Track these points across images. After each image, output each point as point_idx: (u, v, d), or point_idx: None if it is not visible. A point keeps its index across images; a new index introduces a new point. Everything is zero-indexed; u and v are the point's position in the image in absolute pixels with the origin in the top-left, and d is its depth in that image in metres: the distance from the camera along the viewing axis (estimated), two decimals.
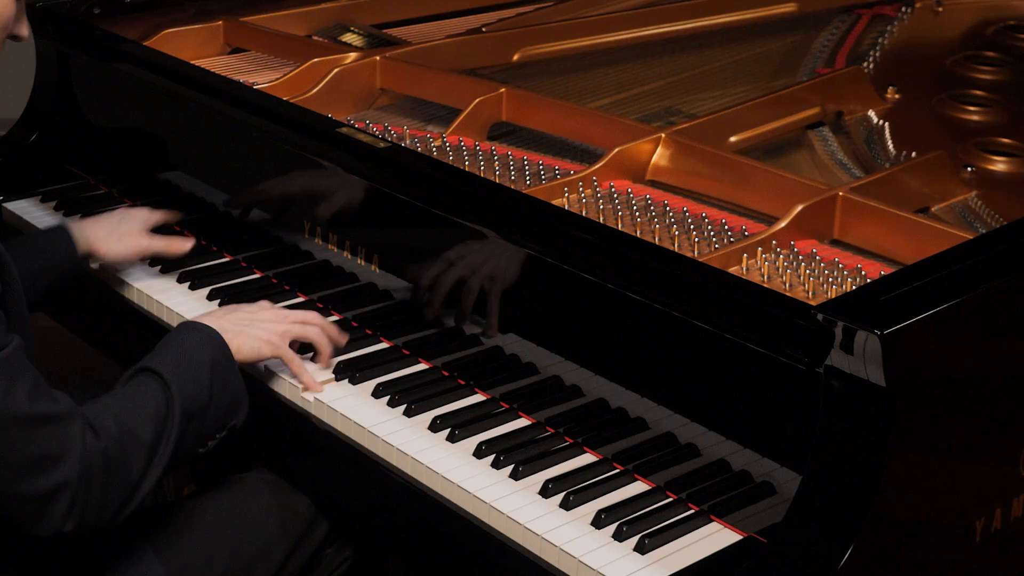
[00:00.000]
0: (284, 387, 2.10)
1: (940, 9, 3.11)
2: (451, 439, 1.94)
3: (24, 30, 1.88)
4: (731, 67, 2.82)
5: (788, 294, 1.85)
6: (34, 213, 2.64)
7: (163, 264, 2.43)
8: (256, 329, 2.05)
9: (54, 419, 1.70)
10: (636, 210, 2.14)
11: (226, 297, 2.32)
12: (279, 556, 2.05)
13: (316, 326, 2.11)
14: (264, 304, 2.14)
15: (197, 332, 1.97)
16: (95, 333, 2.61)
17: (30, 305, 2.02)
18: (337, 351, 2.14)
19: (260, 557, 2.03)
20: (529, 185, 2.23)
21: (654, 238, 2.06)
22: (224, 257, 2.47)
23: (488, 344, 2.06)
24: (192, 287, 2.37)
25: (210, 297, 2.33)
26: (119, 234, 2.35)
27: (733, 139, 2.39)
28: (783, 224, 2.01)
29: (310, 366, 2.10)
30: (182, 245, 2.38)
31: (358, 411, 2.02)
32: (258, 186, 2.42)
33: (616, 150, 2.25)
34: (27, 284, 2.05)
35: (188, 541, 1.97)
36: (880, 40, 2.93)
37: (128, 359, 1.98)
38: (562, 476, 1.86)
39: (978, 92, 2.69)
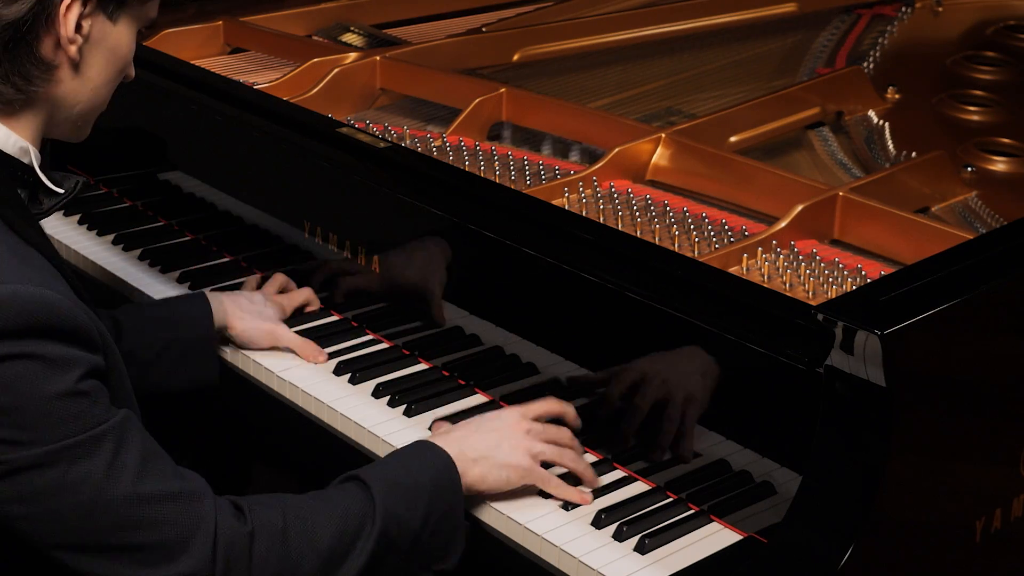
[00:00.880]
0: (284, 387, 2.10)
1: (940, 9, 3.11)
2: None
3: (133, 71, 1.76)
4: (731, 67, 2.82)
5: (788, 294, 1.86)
6: None
7: (163, 264, 2.43)
8: (503, 454, 1.79)
9: (174, 498, 1.54)
10: (636, 210, 2.14)
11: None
12: None
13: (570, 448, 1.85)
14: (510, 415, 1.86)
15: (426, 454, 1.76)
16: None
17: (154, 380, 1.93)
18: (337, 351, 2.14)
19: None
20: (529, 185, 2.23)
21: (654, 238, 2.05)
22: (224, 257, 2.47)
23: (488, 344, 2.06)
24: (192, 287, 2.37)
25: None
26: (257, 315, 2.16)
27: (733, 139, 2.39)
28: (783, 224, 2.01)
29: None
30: (316, 355, 2.13)
31: (358, 411, 2.02)
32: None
33: (616, 150, 2.25)
34: (152, 355, 1.99)
35: None
36: (880, 40, 2.93)
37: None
38: (562, 477, 1.86)
39: (978, 92, 2.69)
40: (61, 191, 1.73)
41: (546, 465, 1.84)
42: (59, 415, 1.51)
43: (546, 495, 1.82)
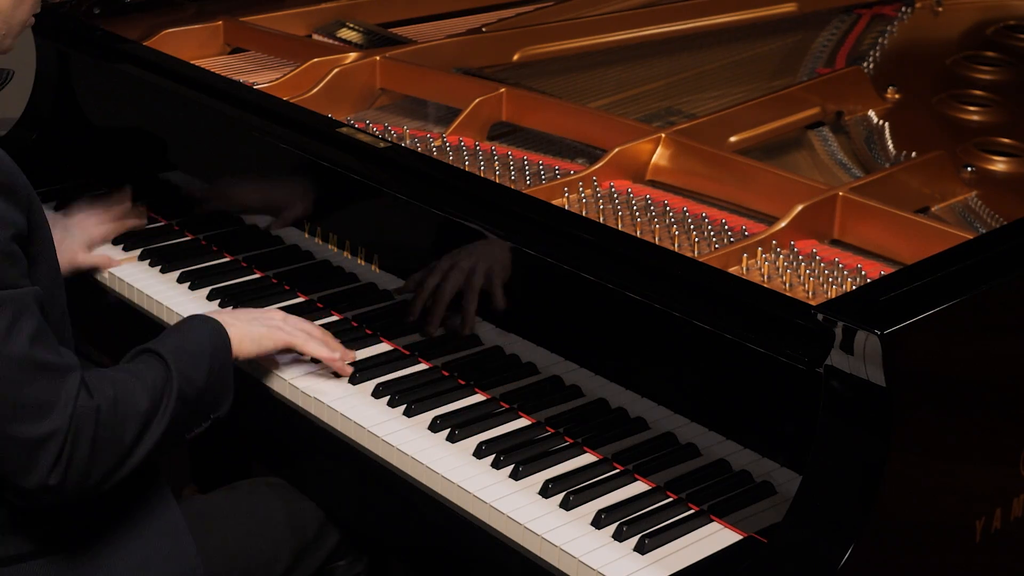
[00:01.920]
0: (284, 387, 2.10)
1: (940, 9, 3.11)
2: (451, 439, 1.94)
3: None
4: (731, 67, 2.82)
5: (788, 294, 1.86)
6: None
7: (163, 264, 2.43)
8: (260, 326, 2.06)
9: (52, 368, 1.72)
10: (636, 210, 2.14)
11: (226, 297, 2.32)
12: (285, 560, 2.04)
13: (319, 330, 2.12)
14: (271, 310, 2.15)
15: (202, 322, 2.00)
16: (94, 333, 2.61)
17: None
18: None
19: (266, 561, 2.03)
20: (529, 185, 2.23)
21: (654, 238, 2.06)
22: (224, 257, 2.47)
23: (488, 344, 2.06)
24: (192, 287, 2.37)
25: (210, 297, 2.33)
26: (59, 250, 2.27)
27: (733, 139, 2.39)
28: (783, 224, 2.01)
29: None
30: (110, 264, 2.41)
31: (358, 411, 2.02)
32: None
33: (616, 150, 2.25)
34: None
35: (192, 541, 1.96)
36: (880, 40, 2.93)
37: None
38: (562, 476, 1.86)
39: (978, 92, 2.69)
40: None
41: None
42: None
43: (547, 496, 1.83)
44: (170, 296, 2.34)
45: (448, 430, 1.96)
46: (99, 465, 1.76)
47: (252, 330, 2.05)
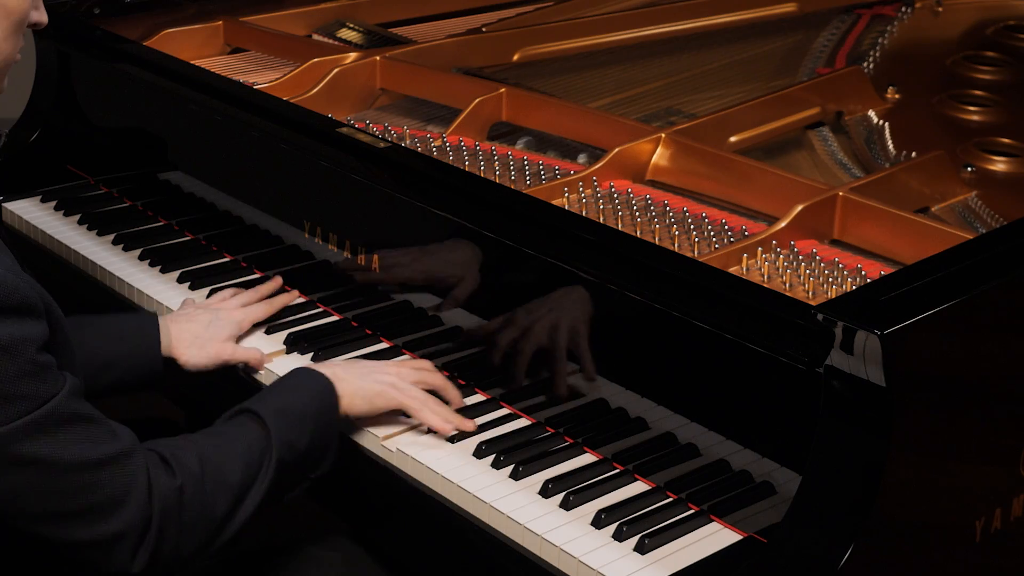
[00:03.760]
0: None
1: (940, 9, 3.11)
2: (451, 439, 1.94)
3: (43, 16, 1.79)
4: (731, 67, 2.82)
5: (788, 294, 1.86)
6: (34, 213, 2.64)
7: (163, 264, 2.43)
8: (372, 382, 1.95)
9: (110, 462, 1.62)
10: (636, 210, 2.14)
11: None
12: None
13: (438, 374, 2.01)
14: (382, 361, 2.05)
15: (309, 378, 1.90)
16: None
17: (90, 393, 1.85)
18: (336, 351, 2.14)
19: None
20: (529, 185, 2.23)
21: (654, 238, 2.05)
22: (224, 257, 2.47)
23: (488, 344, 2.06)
24: (192, 287, 2.37)
25: (209, 297, 2.33)
26: (203, 340, 2.13)
27: (733, 139, 2.39)
28: (783, 224, 2.01)
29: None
30: (262, 362, 2.14)
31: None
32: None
33: (616, 150, 2.25)
34: (92, 370, 1.95)
35: None
36: (880, 40, 2.93)
37: None
38: (562, 476, 1.86)
39: (978, 92, 2.69)
40: None
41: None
42: (11, 397, 1.56)
43: (547, 496, 1.83)
44: (170, 296, 2.34)
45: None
46: (189, 542, 1.67)
47: (365, 387, 1.93)
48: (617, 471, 1.88)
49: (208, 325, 2.15)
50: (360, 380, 1.94)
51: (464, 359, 2.09)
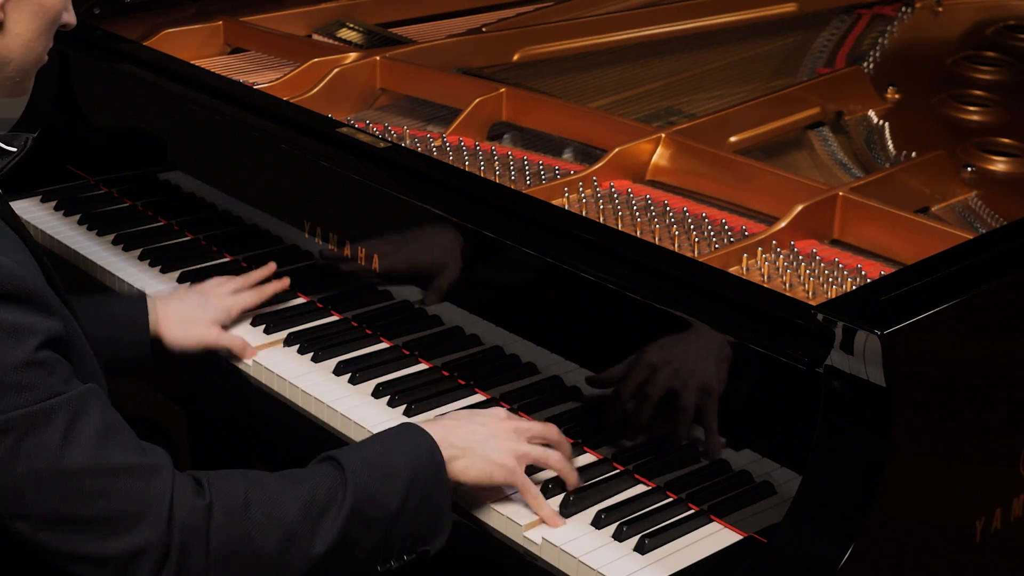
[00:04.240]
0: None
1: (940, 9, 3.11)
2: None
3: (72, 18, 1.77)
4: (731, 67, 2.82)
5: (788, 294, 1.86)
6: (34, 213, 2.64)
7: (163, 264, 2.43)
8: (489, 449, 1.76)
9: (130, 472, 1.54)
10: (636, 210, 2.14)
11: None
12: None
13: (556, 452, 1.82)
14: (498, 413, 1.86)
15: (407, 435, 1.75)
16: None
17: None
18: (336, 351, 2.14)
19: None
20: (529, 185, 2.23)
21: (654, 238, 2.05)
22: (224, 257, 2.47)
23: (488, 344, 2.06)
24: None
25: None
26: (190, 322, 2.13)
27: (733, 139, 2.39)
28: (783, 224, 2.01)
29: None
30: (245, 352, 2.14)
31: (358, 411, 2.02)
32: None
33: (616, 150, 2.25)
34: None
35: None
36: (880, 40, 2.93)
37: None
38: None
39: (978, 92, 2.69)
40: (13, 149, 1.76)
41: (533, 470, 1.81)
42: (13, 385, 1.52)
43: (547, 496, 1.82)
44: None
45: None
46: (223, 571, 1.56)
47: (477, 465, 1.74)
48: (617, 471, 1.88)
49: (196, 307, 2.16)
50: (482, 447, 1.76)
51: (464, 359, 2.09)
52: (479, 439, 1.77)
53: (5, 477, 1.54)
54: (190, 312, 2.15)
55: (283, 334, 2.20)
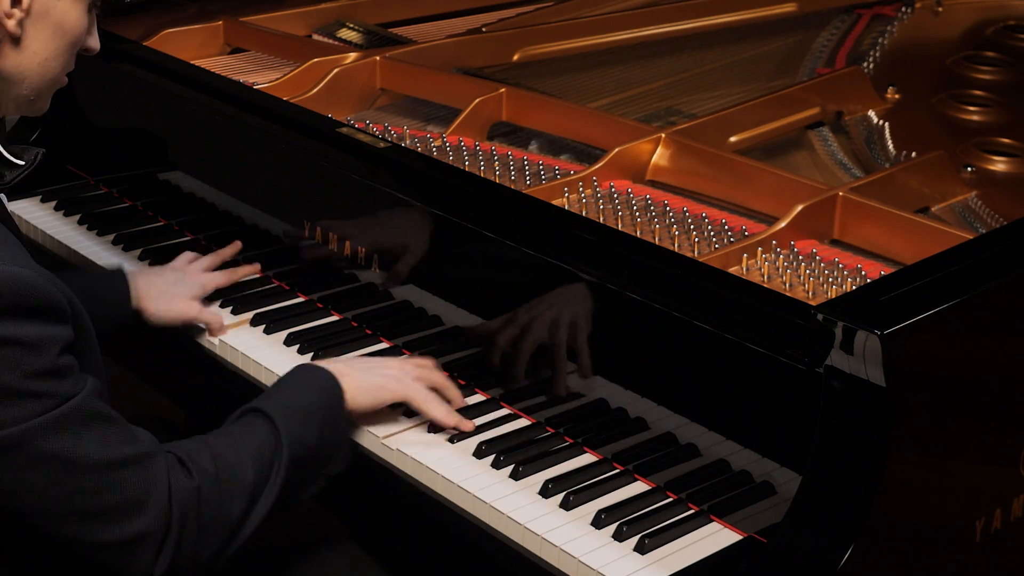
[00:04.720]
0: None
1: (940, 9, 3.11)
2: (452, 440, 1.94)
3: (96, 43, 1.79)
4: (731, 67, 2.82)
5: (788, 294, 1.86)
6: (34, 213, 2.64)
7: (163, 264, 2.43)
8: (375, 374, 1.95)
9: (132, 462, 1.61)
10: (636, 210, 2.14)
11: (226, 296, 2.31)
12: None
13: (439, 372, 2.01)
14: (390, 359, 2.03)
15: (311, 374, 1.90)
16: None
17: None
18: (336, 351, 2.14)
19: None
20: (529, 185, 2.23)
21: (654, 238, 2.06)
22: None
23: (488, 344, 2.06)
24: None
25: (210, 297, 2.33)
26: (169, 296, 2.20)
27: (733, 139, 2.39)
28: (783, 224, 2.01)
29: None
30: (220, 331, 2.21)
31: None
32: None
33: (616, 150, 2.25)
34: None
35: None
36: (880, 40, 2.93)
37: (133, 362, 1.94)
38: (562, 476, 1.86)
39: (978, 92, 2.69)
40: (22, 163, 1.78)
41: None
42: (33, 395, 1.55)
43: (546, 496, 1.83)
44: None
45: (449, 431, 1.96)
46: (208, 544, 1.66)
47: (368, 380, 1.93)
48: (617, 471, 1.88)
49: (175, 283, 2.23)
50: (363, 374, 1.93)
51: (464, 359, 2.09)
52: (365, 368, 1.95)
53: (20, 479, 1.58)
54: (170, 287, 2.22)
55: (283, 334, 2.20)
